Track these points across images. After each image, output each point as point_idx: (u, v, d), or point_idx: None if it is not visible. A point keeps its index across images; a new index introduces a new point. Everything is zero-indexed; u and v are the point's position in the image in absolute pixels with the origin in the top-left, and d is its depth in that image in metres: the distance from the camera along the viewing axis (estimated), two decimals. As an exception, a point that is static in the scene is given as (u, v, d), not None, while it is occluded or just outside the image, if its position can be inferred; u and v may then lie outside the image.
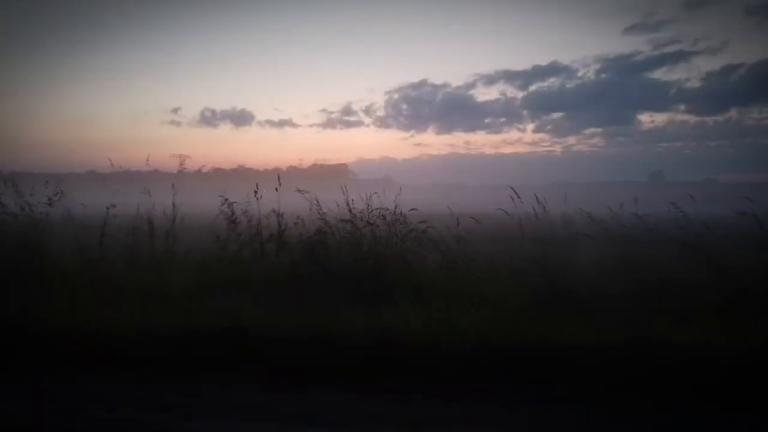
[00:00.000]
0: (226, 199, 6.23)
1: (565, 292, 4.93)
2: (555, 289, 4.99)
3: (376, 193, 6.52)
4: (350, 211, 6.33)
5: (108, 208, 6.06)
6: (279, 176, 6.66)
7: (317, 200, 6.45)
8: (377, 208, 6.28)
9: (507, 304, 4.66)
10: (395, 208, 6.31)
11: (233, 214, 6.21)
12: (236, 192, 6.47)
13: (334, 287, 5.37)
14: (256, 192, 6.26)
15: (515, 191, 6.12)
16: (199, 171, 7.10)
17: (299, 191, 6.44)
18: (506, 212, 6.03)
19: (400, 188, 6.92)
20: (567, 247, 5.74)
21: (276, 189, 6.36)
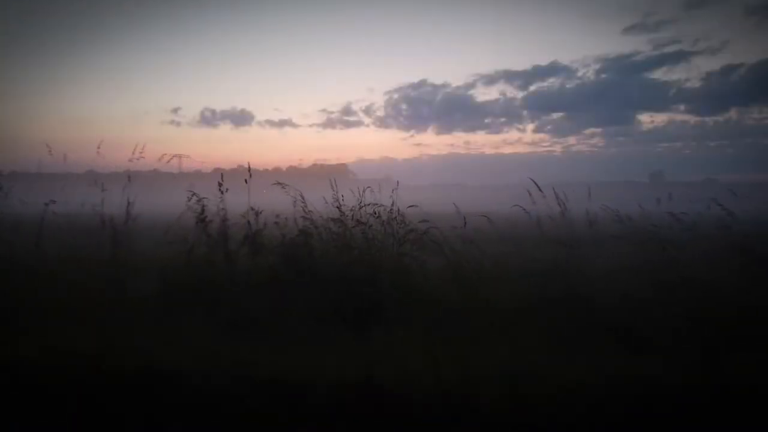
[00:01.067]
0: (193, 194, 5.29)
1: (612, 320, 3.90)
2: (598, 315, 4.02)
3: (369, 187, 5.64)
4: (339, 208, 5.44)
5: (47, 204, 5.06)
6: (249, 168, 5.67)
7: (302, 197, 5.58)
8: (370, 204, 5.39)
9: (532, 332, 3.70)
10: (392, 205, 5.43)
11: (203, 212, 5.28)
12: (232, 190, 5.52)
13: (316, 296, 4.50)
14: (220, 185, 5.31)
15: (538, 186, 5.22)
16: (161, 167, 6.13)
17: (279, 184, 5.51)
18: (525, 210, 5.15)
19: (398, 182, 6.01)
20: (595, 248, 4.86)
21: (245, 181, 5.38)
